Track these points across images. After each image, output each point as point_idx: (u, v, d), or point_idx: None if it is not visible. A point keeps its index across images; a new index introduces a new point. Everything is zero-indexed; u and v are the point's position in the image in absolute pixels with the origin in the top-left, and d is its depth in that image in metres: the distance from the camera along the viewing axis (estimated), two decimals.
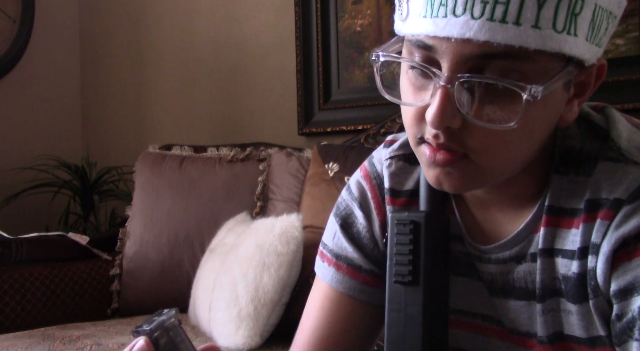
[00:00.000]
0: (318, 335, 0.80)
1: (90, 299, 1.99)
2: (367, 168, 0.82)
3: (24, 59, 2.73)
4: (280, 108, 2.41)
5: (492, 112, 0.58)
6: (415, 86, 0.62)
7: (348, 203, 0.81)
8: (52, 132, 2.84)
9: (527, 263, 0.69)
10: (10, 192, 2.51)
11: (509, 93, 0.56)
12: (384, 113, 2.05)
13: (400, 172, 0.78)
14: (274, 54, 2.43)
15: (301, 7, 2.32)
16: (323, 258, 0.82)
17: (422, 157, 0.64)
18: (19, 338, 1.61)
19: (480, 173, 0.62)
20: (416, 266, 0.69)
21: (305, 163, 1.95)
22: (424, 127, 0.62)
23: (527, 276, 0.69)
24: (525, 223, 0.68)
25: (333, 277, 0.80)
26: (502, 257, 0.70)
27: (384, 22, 2.19)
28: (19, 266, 1.89)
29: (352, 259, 0.79)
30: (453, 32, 0.55)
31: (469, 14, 0.54)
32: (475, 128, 0.59)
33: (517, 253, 0.69)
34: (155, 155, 2.16)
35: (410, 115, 0.63)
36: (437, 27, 0.56)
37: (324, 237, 0.83)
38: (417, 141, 0.64)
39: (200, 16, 2.61)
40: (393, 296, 0.70)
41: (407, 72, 0.63)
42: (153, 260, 1.98)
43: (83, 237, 2.06)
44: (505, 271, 0.70)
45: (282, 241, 1.60)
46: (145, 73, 2.79)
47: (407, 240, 0.69)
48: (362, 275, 0.79)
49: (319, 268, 0.82)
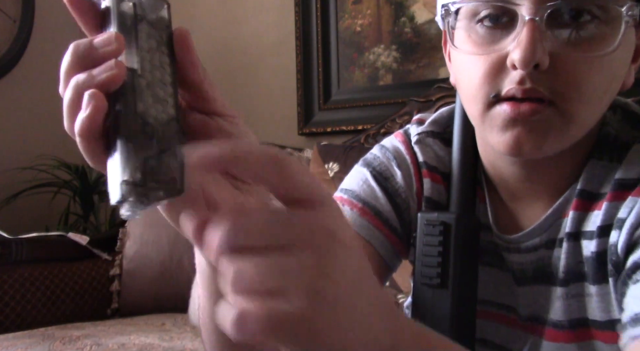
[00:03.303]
0: None
1: (90, 299, 1.99)
2: (403, 135, 0.78)
3: (24, 59, 2.73)
4: (280, 109, 2.41)
5: (586, 39, 0.56)
6: (487, 41, 0.59)
7: (383, 161, 0.77)
8: (52, 132, 2.83)
9: (557, 248, 0.67)
10: (10, 192, 2.51)
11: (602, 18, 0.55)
12: (384, 113, 2.06)
13: (432, 148, 0.75)
14: (274, 54, 2.43)
15: (301, 7, 2.32)
16: (343, 202, 0.76)
17: (498, 118, 0.60)
18: (19, 338, 1.61)
19: (566, 124, 0.59)
20: (445, 269, 0.67)
21: (305, 163, 1.95)
22: (501, 82, 0.59)
23: (559, 262, 0.67)
24: (554, 208, 0.67)
25: (356, 220, 0.74)
26: (532, 245, 0.69)
27: (384, 22, 2.19)
28: (19, 266, 1.89)
29: (381, 211, 0.74)
30: None
31: None
32: (564, 67, 0.56)
33: (547, 239, 0.68)
34: None
35: (483, 72, 0.60)
36: None
37: (344, 185, 0.78)
38: (490, 101, 0.60)
39: (200, 16, 2.61)
40: (420, 297, 0.68)
41: (476, 28, 0.60)
42: (153, 260, 1.98)
43: (83, 237, 2.06)
44: (536, 260, 0.69)
45: None
46: None
47: (436, 241, 0.67)
48: (386, 228, 0.74)
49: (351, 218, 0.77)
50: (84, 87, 0.39)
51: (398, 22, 2.15)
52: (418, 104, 1.96)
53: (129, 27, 0.40)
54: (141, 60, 0.40)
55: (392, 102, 2.12)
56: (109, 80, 0.39)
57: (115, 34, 0.39)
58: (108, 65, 0.39)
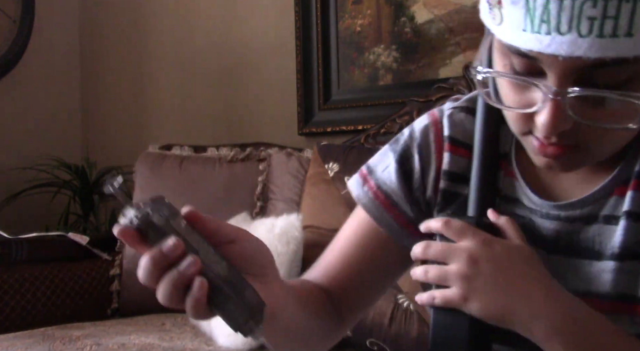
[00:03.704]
0: (343, 257, 0.81)
1: (90, 299, 1.99)
2: (436, 111, 0.81)
3: (24, 59, 2.73)
4: (280, 108, 2.41)
5: (606, 115, 0.57)
6: (518, 86, 0.61)
7: (408, 144, 0.80)
8: (52, 132, 2.84)
9: (598, 224, 0.68)
10: (10, 192, 2.51)
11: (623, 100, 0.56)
12: (384, 113, 2.05)
13: (461, 122, 0.77)
14: (274, 54, 2.43)
15: (301, 7, 2.32)
16: (365, 182, 0.82)
17: (529, 146, 0.63)
18: (19, 338, 1.61)
19: (591, 157, 0.63)
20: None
21: (305, 163, 1.95)
22: (531, 126, 0.61)
23: (596, 237, 0.68)
24: (602, 185, 0.68)
25: (370, 204, 0.80)
26: (570, 216, 0.69)
27: (384, 22, 2.19)
28: (19, 266, 1.89)
29: (391, 194, 0.79)
30: (560, 51, 0.53)
31: (575, 33, 0.52)
32: (587, 130, 0.58)
33: (588, 214, 0.68)
34: (155, 155, 2.16)
35: (515, 115, 0.63)
36: (541, 44, 0.54)
37: (372, 162, 0.83)
38: (523, 133, 0.63)
39: (200, 16, 2.61)
40: (439, 316, 0.69)
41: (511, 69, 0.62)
42: None
43: (83, 237, 2.06)
44: (571, 231, 0.69)
45: (282, 241, 1.60)
46: (145, 73, 2.79)
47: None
48: (395, 210, 0.79)
49: (355, 189, 0.82)
50: (179, 280, 0.54)
51: (398, 22, 2.15)
52: (418, 104, 1.96)
53: (168, 228, 0.54)
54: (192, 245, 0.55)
55: (392, 102, 2.11)
56: (196, 270, 0.54)
57: (176, 240, 0.53)
58: (190, 261, 0.53)
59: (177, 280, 0.54)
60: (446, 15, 2.05)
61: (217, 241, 0.58)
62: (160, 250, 0.54)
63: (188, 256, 0.54)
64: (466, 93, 1.87)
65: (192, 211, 0.57)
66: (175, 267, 0.54)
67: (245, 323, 0.55)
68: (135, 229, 0.54)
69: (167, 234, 0.54)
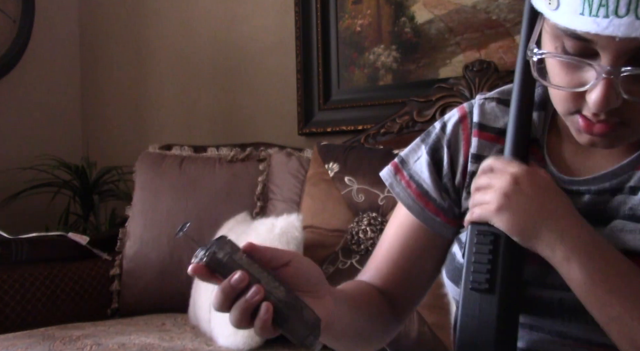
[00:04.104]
0: (389, 255, 0.86)
1: (90, 299, 1.99)
2: (465, 107, 0.85)
3: (24, 59, 2.73)
4: (280, 108, 2.41)
5: None
6: (569, 66, 0.65)
7: (439, 136, 0.84)
8: (52, 132, 2.84)
9: (623, 194, 0.71)
10: (10, 192, 2.51)
11: None
12: (384, 113, 2.05)
13: (492, 110, 0.81)
14: (274, 54, 2.43)
15: (301, 7, 2.32)
16: (397, 172, 0.86)
17: (575, 124, 0.67)
18: (19, 338, 1.61)
19: (633, 134, 0.66)
20: (493, 275, 0.71)
21: (305, 163, 1.95)
22: (580, 105, 0.65)
23: (622, 205, 0.71)
24: (630, 159, 0.72)
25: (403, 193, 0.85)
26: (599, 189, 0.73)
27: (384, 22, 2.19)
28: (19, 266, 1.89)
29: (422, 183, 0.84)
30: (617, 32, 0.56)
31: (633, 15, 0.55)
32: (636, 106, 0.62)
33: (616, 186, 0.72)
34: (155, 155, 2.16)
35: (564, 94, 0.66)
36: (598, 27, 0.57)
37: (404, 154, 0.87)
38: (570, 112, 0.67)
39: (200, 16, 2.61)
40: (468, 301, 0.72)
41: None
42: (153, 260, 1.98)
43: (83, 237, 2.06)
44: (600, 202, 0.73)
45: (282, 241, 1.60)
46: (145, 73, 2.79)
47: (487, 250, 0.72)
48: (425, 199, 0.83)
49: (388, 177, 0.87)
50: (248, 307, 0.62)
51: (398, 22, 2.15)
52: (418, 104, 1.96)
53: (231, 262, 0.63)
54: (254, 275, 0.63)
55: (392, 102, 2.11)
56: (261, 297, 0.62)
57: (241, 273, 0.62)
58: (254, 291, 0.62)
59: (246, 308, 0.62)
60: (446, 15, 2.05)
61: (274, 265, 0.66)
62: (229, 283, 0.62)
63: (252, 286, 0.62)
64: (466, 93, 1.88)
65: (251, 244, 0.65)
66: (243, 296, 0.62)
67: (306, 337, 0.64)
68: (205, 266, 0.64)
69: (232, 268, 0.63)
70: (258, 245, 0.66)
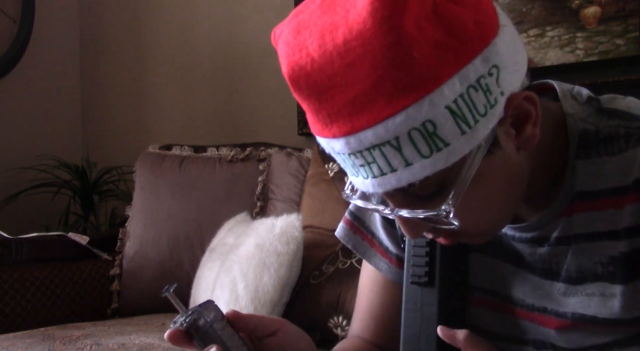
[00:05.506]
0: (367, 309, 0.86)
1: (90, 299, 1.99)
2: None
3: (24, 59, 2.73)
4: (280, 108, 2.41)
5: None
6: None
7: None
8: (52, 132, 2.84)
9: (550, 246, 0.69)
10: (10, 192, 2.51)
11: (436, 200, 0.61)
12: None
13: None
14: (274, 54, 2.40)
15: None
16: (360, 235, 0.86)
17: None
18: (19, 338, 1.61)
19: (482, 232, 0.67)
20: (432, 268, 0.71)
21: (305, 163, 1.95)
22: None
23: (552, 258, 0.69)
24: (549, 209, 0.69)
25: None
26: (525, 238, 0.71)
27: None
28: (19, 266, 1.89)
29: (381, 241, 0.83)
30: (368, 189, 0.61)
31: (361, 177, 0.61)
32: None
33: (539, 236, 0.70)
34: (155, 155, 2.16)
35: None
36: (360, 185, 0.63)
37: (356, 210, 0.86)
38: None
39: (200, 16, 2.61)
40: (409, 296, 0.73)
41: None
42: (153, 260, 1.98)
43: (83, 237, 2.06)
44: (528, 251, 0.71)
45: (282, 241, 1.60)
46: (145, 73, 2.79)
47: (424, 242, 0.72)
48: (390, 257, 0.82)
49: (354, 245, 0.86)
50: None
51: None
52: None
53: (211, 331, 0.63)
54: (231, 349, 0.63)
55: None
56: None
57: (216, 348, 0.61)
58: None
59: None
60: None
61: (259, 335, 0.66)
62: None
63: None
64: None
65: (234, 313, 0.66)
66: None
67: None
68: (185, 331, 0.63)
69: (211, 338, 0.63)
70: (242, 313, 0.66)
